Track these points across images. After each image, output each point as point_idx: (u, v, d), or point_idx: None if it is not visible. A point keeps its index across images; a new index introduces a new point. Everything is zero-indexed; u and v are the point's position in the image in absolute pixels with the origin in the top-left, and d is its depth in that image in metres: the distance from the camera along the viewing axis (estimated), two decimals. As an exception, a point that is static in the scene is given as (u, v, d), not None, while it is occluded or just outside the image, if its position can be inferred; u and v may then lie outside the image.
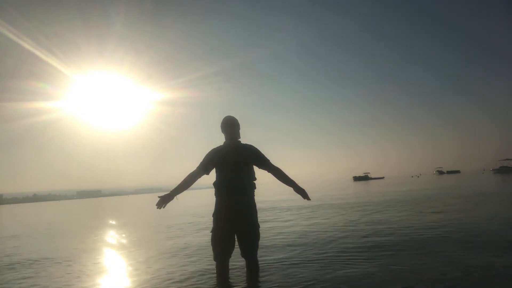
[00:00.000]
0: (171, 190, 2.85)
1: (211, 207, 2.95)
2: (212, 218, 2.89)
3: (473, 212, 6.50)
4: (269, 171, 2.92)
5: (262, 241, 3.09)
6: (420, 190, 15.71)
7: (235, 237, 2.83)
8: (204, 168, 2.89)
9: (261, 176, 3.00)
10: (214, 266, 2.94)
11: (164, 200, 2.78)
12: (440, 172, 75.37)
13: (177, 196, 2.87)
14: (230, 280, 2.82)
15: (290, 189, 2.93)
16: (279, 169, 2.92)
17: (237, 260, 3.15)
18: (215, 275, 2.91)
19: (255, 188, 2.93)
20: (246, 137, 3.03)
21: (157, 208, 2.79)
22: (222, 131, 2.97)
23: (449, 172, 75.87)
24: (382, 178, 77.83)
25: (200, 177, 2.92)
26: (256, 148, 2.96)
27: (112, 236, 6.68)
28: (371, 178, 70.76)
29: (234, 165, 2.84)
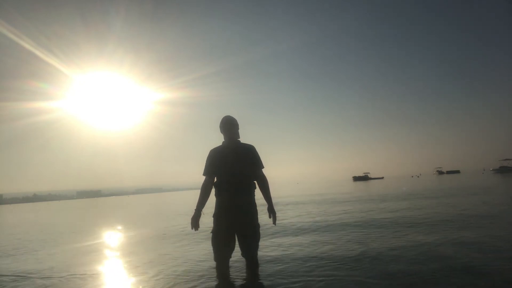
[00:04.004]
0: (195, 209, 2.87)
1: (212, 207, 2.95)
2: (212, 218, 2.89)
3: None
4: (255, 177, 2.94)
5: (262, 240, 3.09)
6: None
7: (236, 237, 2.84)
8: (210, 174, 2.92)
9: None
10: (214, 266, 2.94)
11: (195, 221, 2.84)
12: (440, 172, 75.36)
13: (203, 211, 2.92)
14: (230, 279, 2.82)
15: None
16: (266, 181, 2.94)
17: (237, 260, 3.16)
18: (215, 275, 2.91)
19: (255, 188, 2.93)
20: (246, 137, 3.05)
21: (194, 230, 2.86)
22: (221, 131, 2.98)
23: (448, 172, 75.86)
24: (382, 178, 77.84)
25: (213, 183, 2.94)
26: (255, 151, 2.97)
27: (112, 236, 6.68)
28: (371, 178, 70.77)
29: (234, 165, 2.84)
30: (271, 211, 2.90)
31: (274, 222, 2.91)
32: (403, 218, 5.93)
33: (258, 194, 2.96)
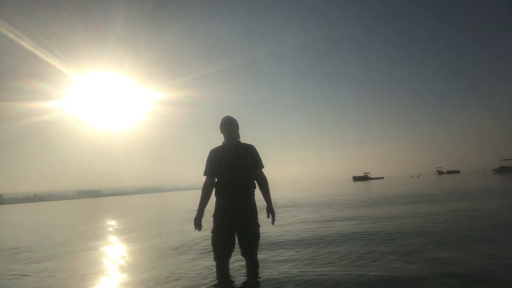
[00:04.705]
0: (197, 209, 2.89)
1: (212, 207, 2.96)
2: (212, 218, 2.90)
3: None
4: (255, 177, 2.94)
5: (262, 239, 3.10)
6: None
7: (235, 236, 2.85)
8: (211, 174, 2.93)
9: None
10: (214, 266, 2.95)
11: (198, 221, 2.87)
12: (440, 172, 75.30)
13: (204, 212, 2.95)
14: (230, 279, 2.83)
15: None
16: (265, 181, 2.95)
17: (237, 260, 3.17)
18: (215, 274, 2.92)
19: (255, 187, 2.94)
20: (246, 137, 3.05)
21: (198, 230, 2.90)
22: (221, 131, 2.98)
23: (448, 172, 75.80)
24: (382, 178, 77.81)
25: (213, 183, 2.94)
26: (256, 151, 2.97)
27: (112, 236, 6.69)
28: (371, 178, 70.75)
29: (233, 165, 2.85)
30: (270, 211, 2.91)
31: (273, 222, 2.92)
32: (400, 229, 4.77)
33: (258, 194, 2.96)
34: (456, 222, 5.24)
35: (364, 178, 68.55)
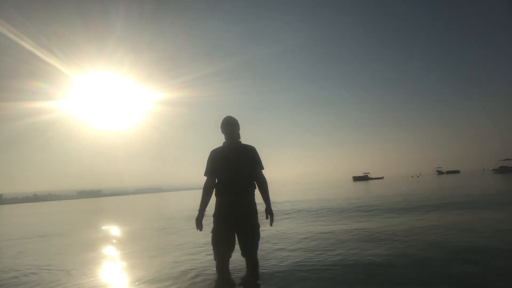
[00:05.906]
0: (199, 210, 2.91)
1: (212, 207, 2.96)
2: (212, 218, 2.91)
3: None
4: (255, 178, 2.95)
5: (261, 240, 3.10)
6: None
7: (235, 236, 2.85)
8: (212, 174, 2.93)
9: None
10: (214, 266, 2.95)
11: (199, 222, 2.89)
12: (440, 172, 75.20)
13: (205, 212, 2.97)
14: (230, 279, 2.83)
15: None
16: (265, 182, 2.96)
17: (237, 260, 3.17)
18: (215, 274, 2.93)
19: (255, 188, 2.95)
20: (246, 137, 3.05)
21: (200, 230, 2.91)
22: (222, 131, 2.99)
23: (448, 172, 75.65)
24: (382, 178, 77.74)
25: (214, 183, 2.95)
26: (256, 152, 2.99)
27: (112, 234, 6.69)
28: (371, 178, 70.69)
29: (234, 166, 2.86)
30: (269, 212, 2.91)
31: (271, 224, 2.92)
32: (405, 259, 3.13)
33: (258, 195, 2.96)
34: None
35: (364, 178, 68.47)
